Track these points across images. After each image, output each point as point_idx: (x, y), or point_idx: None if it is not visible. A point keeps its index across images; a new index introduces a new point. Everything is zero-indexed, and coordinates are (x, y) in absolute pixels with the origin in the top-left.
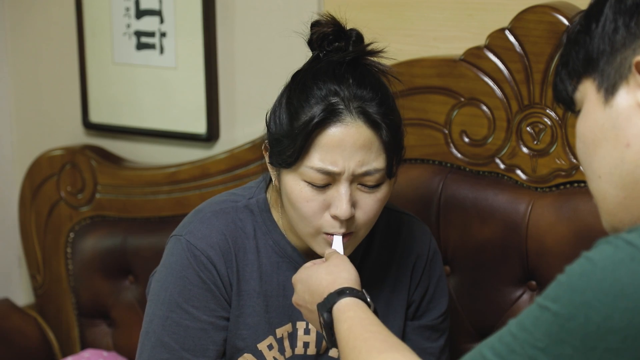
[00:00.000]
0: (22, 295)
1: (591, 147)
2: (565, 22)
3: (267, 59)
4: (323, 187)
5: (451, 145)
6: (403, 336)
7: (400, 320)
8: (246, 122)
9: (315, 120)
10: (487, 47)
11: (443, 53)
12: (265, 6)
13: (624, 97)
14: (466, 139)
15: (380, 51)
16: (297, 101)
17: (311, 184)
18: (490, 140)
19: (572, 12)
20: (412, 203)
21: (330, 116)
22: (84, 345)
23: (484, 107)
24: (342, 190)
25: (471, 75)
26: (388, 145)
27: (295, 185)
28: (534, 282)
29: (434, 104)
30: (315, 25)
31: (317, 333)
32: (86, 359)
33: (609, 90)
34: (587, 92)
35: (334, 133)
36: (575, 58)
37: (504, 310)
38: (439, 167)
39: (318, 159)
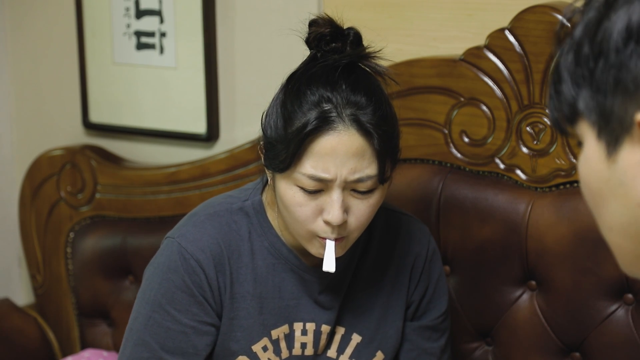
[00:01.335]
0: (22, 295)
1: (598, 198)
2: (566, 22)
3: (267, 59)
4: (316, 193)
5: (451, 145)
6: (403, 337)
7: (399, 321)
8: (246, 122)
9: (308, 128)
10: (487, 47)
11: (443, 53)
12: (265, 6)
13: (630, 152)
14: (466, 139)
15: (375, 55)
16: (291, 106)
17: (304, 190)
18: (490, 140)
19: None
20: (412, 203)
21: (322, 124)
22: (84, 345)
23: (484, 107)
24: (334, 197)
25: (471, 75)
26: (380, 153)
27: (288, 189)
28: (533, 282)
29: (434, 104)
30: (312, 24)
31: (315, 333)
32: (86, 359)
33: (611, 144)
34: (586, 134)
35: (326, 141)
36: (569, 91)
37: (504, 310)
38: (439, 167)
39: (310, 165)
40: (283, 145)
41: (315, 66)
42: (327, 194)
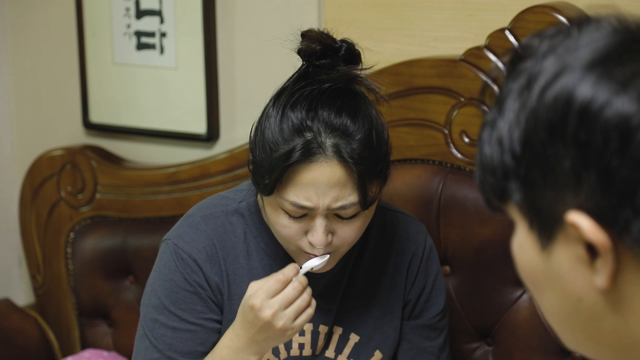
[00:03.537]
0: (22, 295)
1: (536, 285)
2: (566, 22)
3: (267, 59)
4: (300, 217)
5: (451, 145)
6: (401, 336)
7: (397, 320)
8: (246, 122)
9: (290, 161)
10: (487, 47)
11: (443, 53)
12: (265, 6)
13: (565, 246)
14: (466, 139)
15: (363, 75)
16: (274, 129)
17: (288, 214)
18: None
19: (572, 12)
20: (412, 203)
21: (303, 156)
22: (84, 345)
23: (484, 107)
24: (317, 223)
25: (471, 75)
26: (362, 184)
27: (273, 211)
28: None
29: (434, 104)
30: (304, 37)
31: (312, 334)
32: (86, 359)
33: (544, 237)
34: (518, 220)
35: (308, 172)
36: (497, 181)
37: (504, 310)
38: (439, 167)
39: (293, 193)
40: (266, 169)
41: (302, 88)
42: (311, 219)
